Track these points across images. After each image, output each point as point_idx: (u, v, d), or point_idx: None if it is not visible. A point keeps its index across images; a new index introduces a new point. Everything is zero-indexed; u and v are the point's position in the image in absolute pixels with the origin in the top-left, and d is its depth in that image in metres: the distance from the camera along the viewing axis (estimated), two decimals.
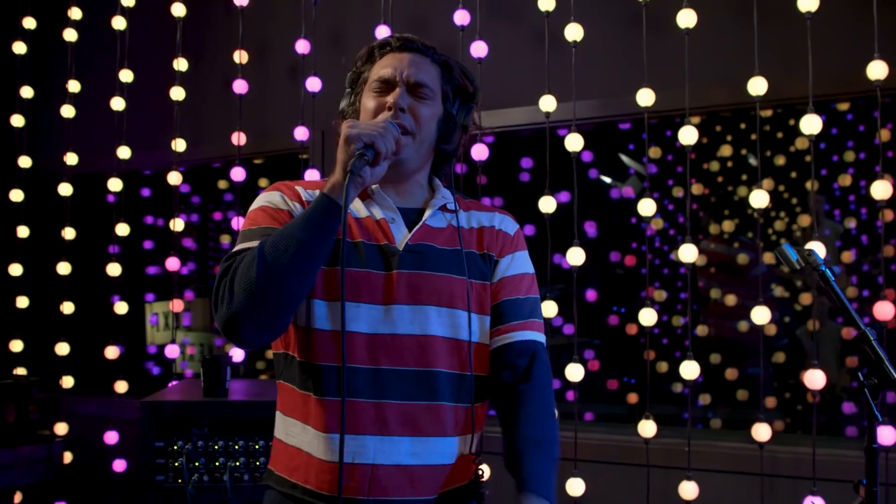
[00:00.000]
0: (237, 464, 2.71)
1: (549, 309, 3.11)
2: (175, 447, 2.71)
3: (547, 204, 3.11)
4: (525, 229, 2.49)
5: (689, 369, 2.98)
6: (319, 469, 1.51)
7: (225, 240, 5.00)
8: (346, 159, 1.43)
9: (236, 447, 2.70)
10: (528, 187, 4.30)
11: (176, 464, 2.72)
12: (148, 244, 4.80)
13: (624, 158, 4.82)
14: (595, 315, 4.73)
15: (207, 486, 2.72)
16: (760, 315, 2.91)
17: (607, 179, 4.87)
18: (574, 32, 3.04)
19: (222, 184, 4.79)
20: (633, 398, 4.62)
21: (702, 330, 4.59)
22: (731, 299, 4.66)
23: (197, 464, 2.73)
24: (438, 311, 1.56)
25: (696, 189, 4.74)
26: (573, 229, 3.12)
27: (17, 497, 3.82)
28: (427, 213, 1.64)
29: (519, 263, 1.68)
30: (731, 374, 4.55)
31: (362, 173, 1.42)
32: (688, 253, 2.99)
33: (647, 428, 3.06)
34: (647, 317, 3.08)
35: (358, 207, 1.62)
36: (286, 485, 1.57)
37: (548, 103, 3.11)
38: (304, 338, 1.56)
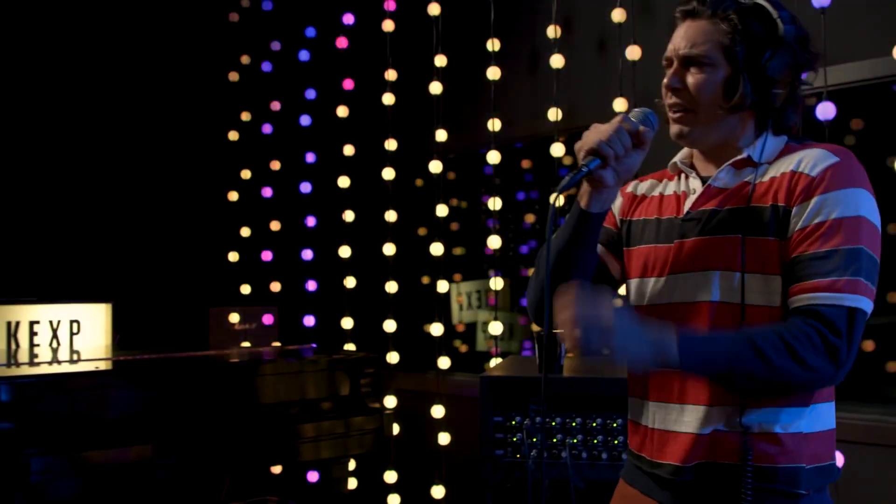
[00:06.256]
0: (574, 441, 2.66)
1: None
2: (513, 423, 2.72)
3: None
4: None
5: None
6: (643, 434, 1.65)
7: (529, 219, 4.98)
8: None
9: (573, 424, 2.66)
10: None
11: (514, 439, 2.73)
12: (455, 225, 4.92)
13: None
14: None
15: (547, 462, 2.71)
16: None
17: None
18: None
19: (525, 163, 4.77)
20: None
21: None
22: None
23: (535, 440, 2.72)
24: (707, 275, 1.54)
25: None
26: None
27: (351, 464, 4.11)
28: (712, 177, 1.60)
29: (819, 209, 1.44)
30: None
31: (598, 177, 1.51)
32: None
33: None
34: None
35: (666, 186, 1.71)
36: (633, 455, 1.72)
37: None
38: None
